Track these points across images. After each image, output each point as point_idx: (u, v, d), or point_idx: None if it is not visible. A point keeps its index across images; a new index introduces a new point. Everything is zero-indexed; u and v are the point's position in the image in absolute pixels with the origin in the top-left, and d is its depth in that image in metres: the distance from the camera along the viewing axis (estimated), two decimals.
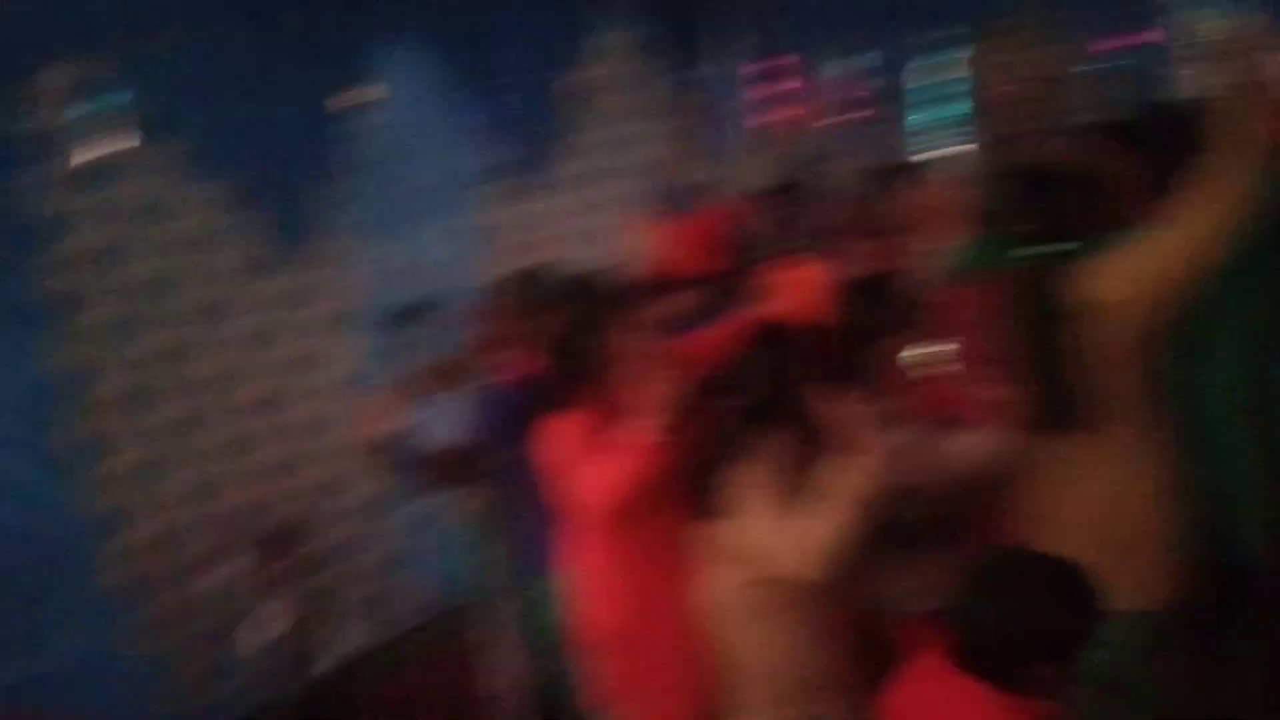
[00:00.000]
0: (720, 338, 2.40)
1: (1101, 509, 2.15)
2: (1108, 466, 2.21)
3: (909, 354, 2.28)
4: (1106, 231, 2.17)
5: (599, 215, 4.57)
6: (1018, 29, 6.37)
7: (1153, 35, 6.19)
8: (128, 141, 3.22)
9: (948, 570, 2.18)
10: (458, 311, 3.02)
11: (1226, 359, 2.29)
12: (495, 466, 2.70)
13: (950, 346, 2.37)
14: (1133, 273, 2.07)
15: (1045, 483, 2.28)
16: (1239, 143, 1.96)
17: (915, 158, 5.15)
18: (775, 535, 2.03)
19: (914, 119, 5.93)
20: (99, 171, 3.17)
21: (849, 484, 1.97)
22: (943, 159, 6.11)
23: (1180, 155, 2.29)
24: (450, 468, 2.81)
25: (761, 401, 2.13)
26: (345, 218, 3.81)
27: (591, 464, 2.15)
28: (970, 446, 2.13)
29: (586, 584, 2.35)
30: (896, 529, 2.17)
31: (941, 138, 5.58)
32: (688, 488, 2.18)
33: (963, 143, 5.42)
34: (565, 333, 2.34)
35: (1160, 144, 2.36)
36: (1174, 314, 2.11)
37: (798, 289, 3.10)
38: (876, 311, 2.34)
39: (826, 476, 2.00)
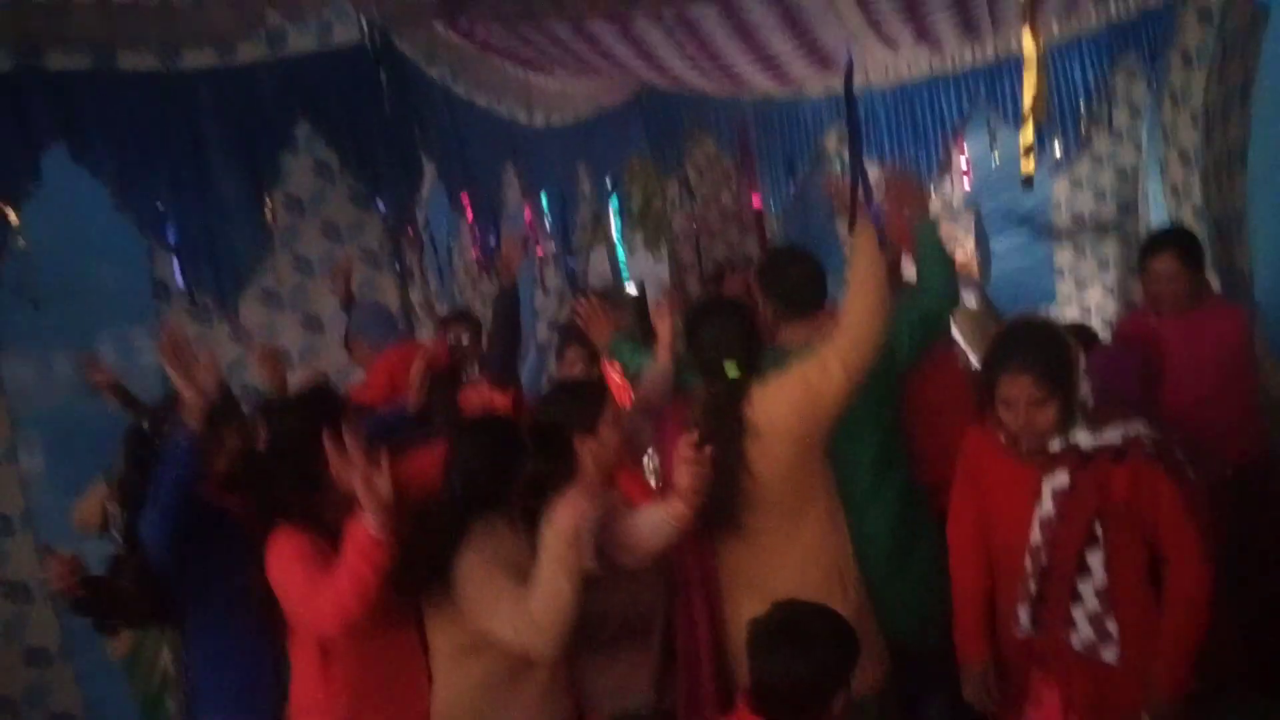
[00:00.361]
0: (432, 456, 2.51)
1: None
2: (785, 563, 2.51)
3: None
4: (758, 354, 2.61)
5: (286, 335, 4.55)
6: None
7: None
8: None
9: (642, 669, 2.47)
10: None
11: (865, 457, 2.73)
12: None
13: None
14: (789, 399, 2.47)
15: (734, 579, 2.59)
16: (868, 279, 2.43)
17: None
18: (503, 613, 2.16)
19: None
20: None
21: (557, 556, 2.12)
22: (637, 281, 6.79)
23: (803, 292, 2.89)
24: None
25: (480, 492, 2.29)
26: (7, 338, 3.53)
27: (320, 582, 2.17)
28: (654, 521, 2.33)
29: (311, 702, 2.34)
30: (597, 629, 2.37)
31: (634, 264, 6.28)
32: (407, 586, 2.25)
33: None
34: (281, 448, 2.37)
35: (782, 280, 2.93)
36: (828, 427, 2.52)
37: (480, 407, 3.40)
38: (575, 412, 2.52)
39: (541, 553, 2.15)
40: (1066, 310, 7.21)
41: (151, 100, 3.87)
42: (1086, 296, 7.32)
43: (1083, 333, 3.96)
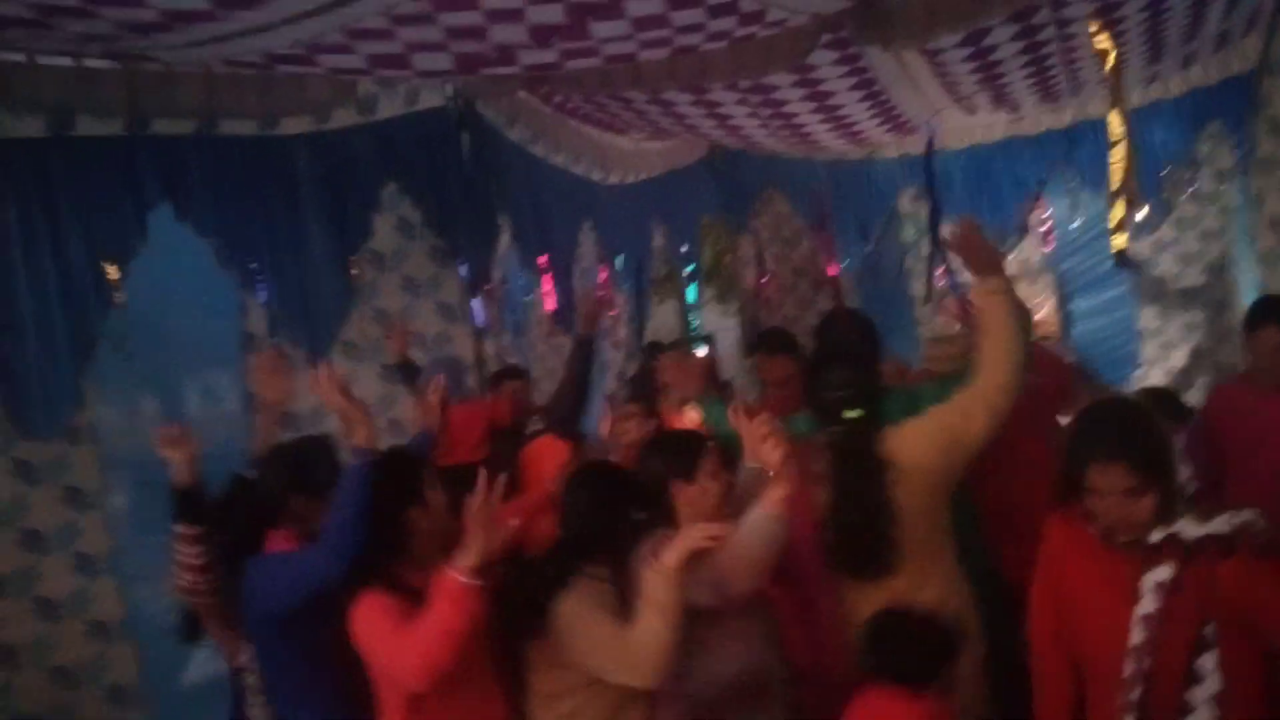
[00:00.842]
0: (528, 504, 2.61)
1: None
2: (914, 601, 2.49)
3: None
4: (880, 398, 2.66)
5: (363, 386, 4.67)
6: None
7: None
8: None
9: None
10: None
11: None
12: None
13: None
14: (930, 437, 2.52)
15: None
16: (1003, 323, 2.50)
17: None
18: (605, 652, 2.21)
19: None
20: None
21: (655, 599, 2.16)
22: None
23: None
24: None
25: (591, 537, 2.35)
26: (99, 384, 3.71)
27: (407, 636, 2.17)
28: (755, 525, 2.35)
29: None
30: (715, 693, 2.42)
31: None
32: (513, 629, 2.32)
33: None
34: (381, 506, 2.37)
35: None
36: (963, 469, 2.55)
37: (545, 462, 3.44)
38: (675, 461, 2.55)
39: (641, 594, 2.19)
40: (1152, 374, 7.02)
41: (250, 162, 4.06)
42: (1172, 360, 7.12)
43: (1174, 405, 3.74)
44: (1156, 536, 2.01)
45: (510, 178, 4.94)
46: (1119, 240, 3.75)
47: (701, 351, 7.30)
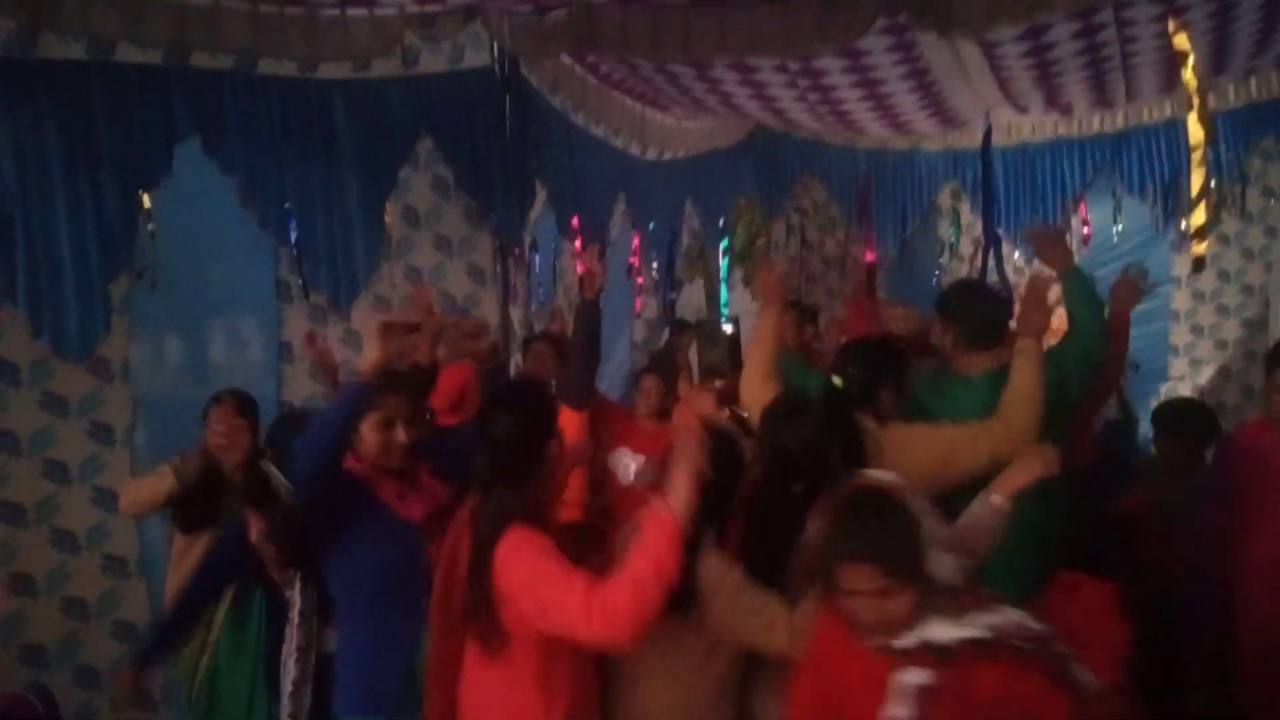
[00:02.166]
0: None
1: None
2: None
3: None
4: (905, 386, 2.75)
5: None
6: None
7: None
8: None
9: None
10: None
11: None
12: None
13: None
14: (931, 447, 2.59)
15: None
16: (1032, 387, 2.62)
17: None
18: (747, 616, 2.13)
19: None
20: None
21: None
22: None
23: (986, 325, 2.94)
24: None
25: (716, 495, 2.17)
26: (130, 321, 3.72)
27: (573, 580, 1.96)
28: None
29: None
30: None
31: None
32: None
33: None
34: (530, 435, 2.20)
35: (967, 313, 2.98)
36: (943, 492, 2.53)
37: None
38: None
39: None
40: (1180, 389, 6.92)
41: (285, 104, 4.04)
42: (1201, 377, 7.01)
43: (1204, 419, 3.59)
44: (904, 641, 1.86)
45: (549, 144, 4.90)
46: (1198, 247, 3.70)
47: (728, 329, 7.24)
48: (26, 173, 3.29)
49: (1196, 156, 3.52)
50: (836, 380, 2.75)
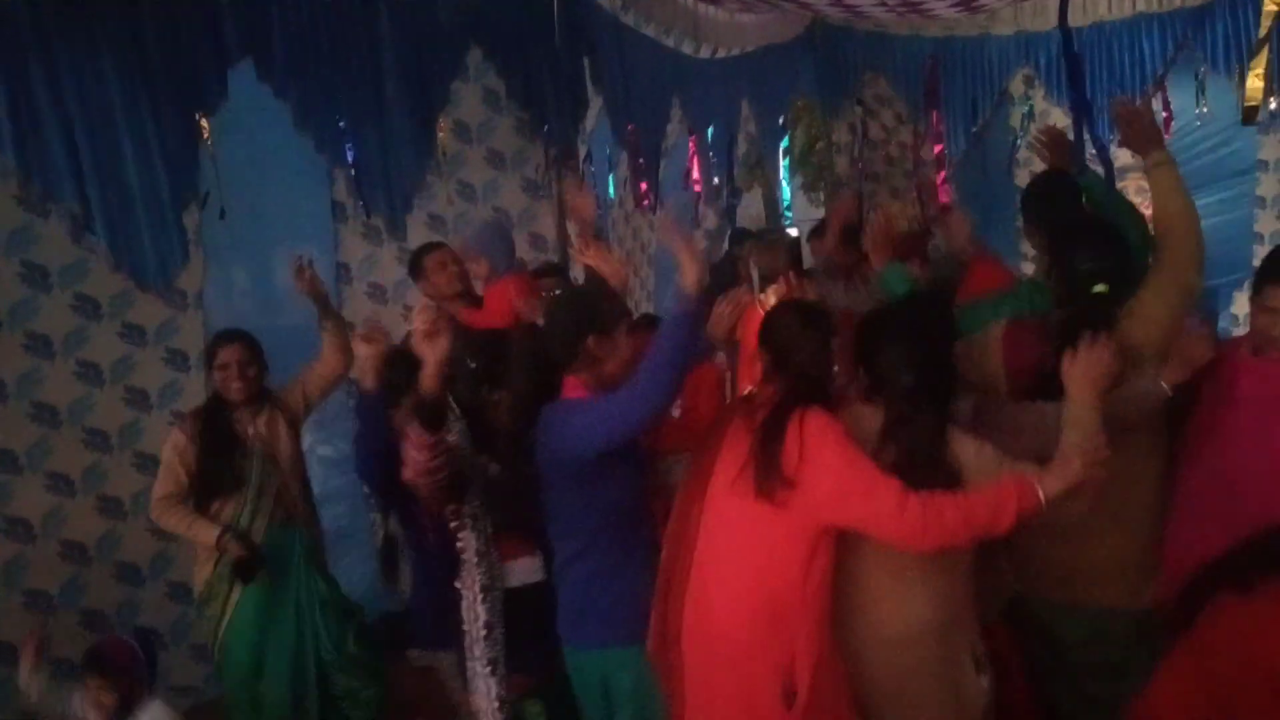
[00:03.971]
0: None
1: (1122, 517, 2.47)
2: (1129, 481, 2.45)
3: None
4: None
5: None
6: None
7: None
8: None
9: None
10: None
11: None
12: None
13: None
14: (1158, 319, 2.52)
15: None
16: (1179, 210, 2.58)
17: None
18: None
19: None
20: None
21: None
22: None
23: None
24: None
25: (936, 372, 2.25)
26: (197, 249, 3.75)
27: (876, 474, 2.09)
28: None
29: None
30: None
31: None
32: None
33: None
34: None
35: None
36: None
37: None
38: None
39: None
40: None
41: (334, 22, 3.95)
42: None
43: None
44: None
45: (601, 49, 4.76)
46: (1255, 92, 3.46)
47: (793, 232, 7.06)
48: (88, 104, 3.28)
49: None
50: (1101, 287, 2.52)
